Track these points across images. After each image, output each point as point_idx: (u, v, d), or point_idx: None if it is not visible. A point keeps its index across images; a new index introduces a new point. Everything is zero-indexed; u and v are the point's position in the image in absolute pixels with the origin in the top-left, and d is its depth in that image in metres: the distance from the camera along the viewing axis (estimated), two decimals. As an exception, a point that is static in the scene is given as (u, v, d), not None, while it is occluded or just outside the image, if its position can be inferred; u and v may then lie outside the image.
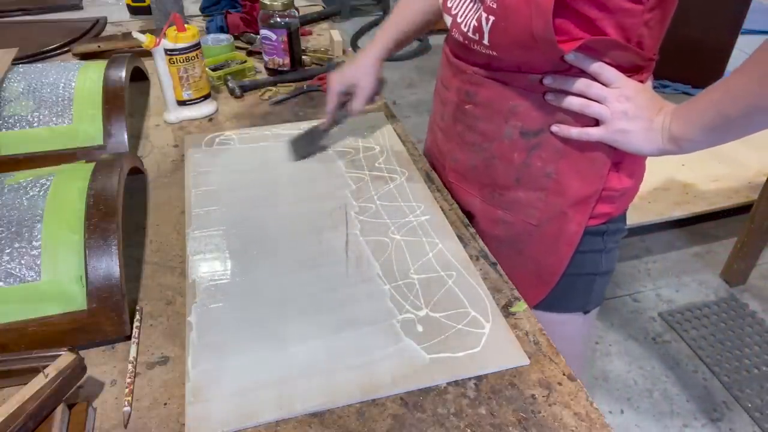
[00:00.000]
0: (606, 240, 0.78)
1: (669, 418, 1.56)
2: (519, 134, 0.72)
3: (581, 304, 0.84)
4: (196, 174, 0.86)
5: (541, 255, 0.78)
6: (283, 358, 0.58)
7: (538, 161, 0.72)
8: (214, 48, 1.17)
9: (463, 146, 0.80)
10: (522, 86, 0.69)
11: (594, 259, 0.79)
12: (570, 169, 0.71)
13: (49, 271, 0.59)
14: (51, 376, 0.50)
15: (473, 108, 0.75)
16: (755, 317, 1.84)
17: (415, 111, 3.01)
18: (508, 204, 0.77)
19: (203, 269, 0.69)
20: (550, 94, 0.68)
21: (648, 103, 0.65)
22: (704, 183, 2.10)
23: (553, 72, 0.67)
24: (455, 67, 0.77)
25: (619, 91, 0.65)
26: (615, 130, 0.66)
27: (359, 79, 0.87)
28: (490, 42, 0.66)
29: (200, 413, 0.53)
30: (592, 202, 0.73)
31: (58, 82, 0.89)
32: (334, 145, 0.93)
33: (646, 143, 0.65)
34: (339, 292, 0.66)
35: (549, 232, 0.76)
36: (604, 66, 0.64)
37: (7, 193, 0.66)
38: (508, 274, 0.71)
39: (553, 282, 0.79)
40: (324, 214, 0.78)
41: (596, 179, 0.71)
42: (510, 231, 0.79)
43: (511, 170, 0.75)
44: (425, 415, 0.54)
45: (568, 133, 0.68)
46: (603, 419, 0.53)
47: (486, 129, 0.75)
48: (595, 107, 0.66)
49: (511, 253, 0.79)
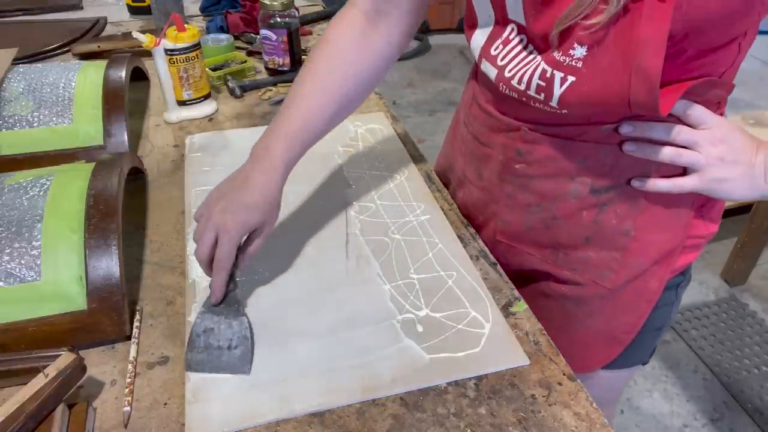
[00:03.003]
0: (678, 291, 0.71)
1: (669, 418, 1.56)
2: (588, 191, 0.62)
3: (641, 357, 0.77)
4: (196, 174, 0.86)
5: (616, 316, 0.69)
6: (283, 358, 0.58)
7: (613, 218, 0.63)
8: (214, 48, 1.17)
9: (515, 208, 0.69)
10: (592, 140, 0.59)
11: (665, 313, 0.71)
12: (651, 224, 0.62)
13: (49, 271, 0.59)
14: (51, 376, 0.50)
15: (526, 167, 0.65)
16: (755, 317, 1.84)
17: (415, 111, 3.01)
18: (575, 264, 0.68)
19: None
20: (629, 144, 0.58)
21: (744, 144, 0.57)
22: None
23: (628, 117, 0.57)
24: (500, 122, 0.65)
25: (711, 133, 0.56)
26: (711, 178, 0.57)
27: (268, 218, 0.61)
28: (561, 104, 0.55)
29: (200, 413, 0.53)
30: (675, 255, 0.65)
31: (58, 82, 0.89)
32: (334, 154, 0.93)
33: (747, 189, 0.57)
34: (339, 292, 0.66)
35: (627, 293, 0.67)
36: (692, 105, 0.56)
37: (7, 193, 0.65)
38: (576, 336, 0.65)
39: (627, 342, 0.70)
40: (324, 214, 0.78)
41: (680, 230, 0.64)
42: (579, 292, 0.69)
43: (578, 230, 0.65)
44: (425, 415, 0.54)
45: (656, 188, 0.59)
46: (603, 419, 0.53)
47: (545, 188, 0.65)
48: (688, 155, 0.57)
49: (580, 315, 0.70)
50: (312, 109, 0.63)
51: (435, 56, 3.64)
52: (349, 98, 0.66)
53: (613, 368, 0.74)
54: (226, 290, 0.60)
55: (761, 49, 3.52)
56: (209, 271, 0.60)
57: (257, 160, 0.62)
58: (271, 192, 0.61)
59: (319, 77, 0.65)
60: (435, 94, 3.20)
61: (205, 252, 0.59)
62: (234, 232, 0.58)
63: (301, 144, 0.63)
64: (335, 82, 0.64)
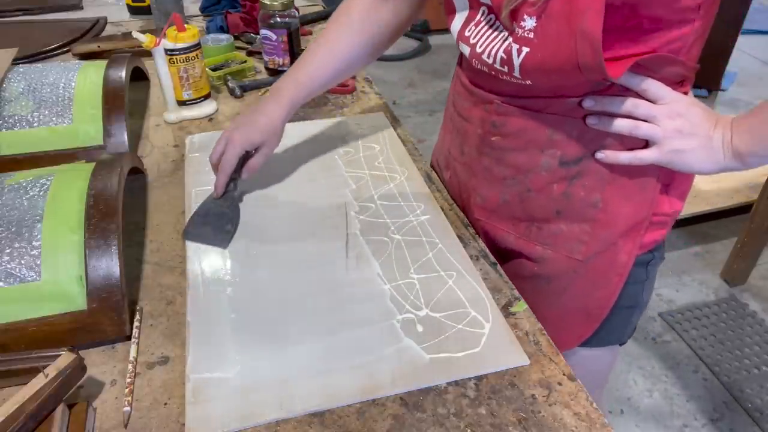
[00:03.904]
0: (649, 270, 0.73)
1: (669, 418, 1.56)
2: (558, 164, 0.66)
3: (618, 337, 0.79)
4: (196, 174, 0.86)
5: (588, 291, 0.72)
6: (283, 358, 0.58)
7: (581, 191, 0.66)
8: (214, 48, 1.17)
9: (492, 181, 0.73)
10: (559, 112, 0.64)
11: (636, 291, 0.74)
12: (618, 196, 0.66)
13: (49, 271, 0.59)
14: (51, 376, 0.50)
15: (501, 140, 0.69)
16: (755, 317, 1.84)
17: (416, 111, 3.01)
18: (548, 238, 0.71)
19: (203, 269, 0.69)
20: (592, 117, 0.62)
21: (702, 117, 0.60)
22: (704, 183, 2.11)
23: (592, 93, 0.61)
24: (477, 97, 0.71)
25: (669, 107, 0.60)
26: (669, 150, 0.60)
27: (269, 139, 0.76)
28: (522, 73, 0.60)
29: (200, 413, 0.53)
30: (642, 229, 0.68)
31: (58, 82, 0.89)
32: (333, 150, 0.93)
33: (707, 162, 0.60)
34: (339, 292, 0.66)
35: (597, 266, 0.70)
36: (651, 80, 0.59)
37: (7, 193, 0.66)
38: (551, 314, 0.67)
39: (601, 317, 0.73)
40: (324, 214, 0.78)
41: (647, 204, 0.67)
42: (552, 268, 0.72)
43: (550, 202, 0.69)
44: (425, 415, 0.54)
45: (617, 159, 0.63)
46: (603, 419, 0.53)
47: (518, 161, 0.69)
48: (646, 128, 0.60)
49: (554, 291, 0.73)
50: (319, 66, 0.77)
51: (435, 56, 3.64)
52: (353, 61, 0.79)
53: (590, 346, 0.77)
54: (226, 189, 0.76)
55: (761, 49, 3.53)
56: (215, 172, 0.76)
57: (269, 97, 0.77)
58: (273, 120, 0.75)
59: (330, 40, 0.77)
60: (435, 94, 3.20)
61: (215, 158, 0.76)
62: (238, 144, 0.74)
63: (306, 91, 0.77)
64: (342, 46, 0.77)
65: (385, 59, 3.54)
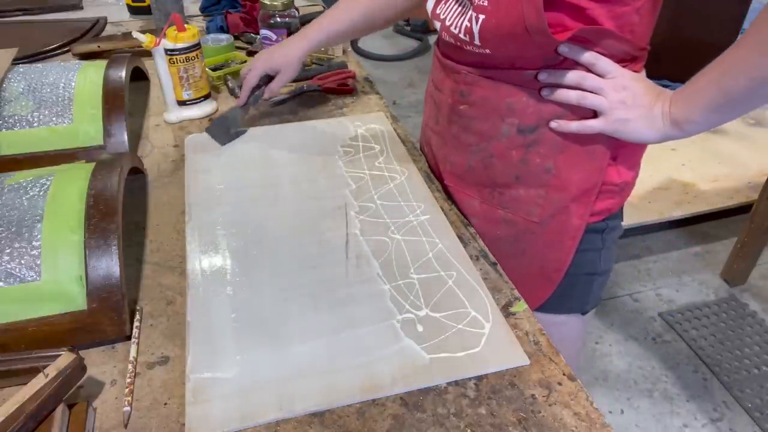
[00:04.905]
0: (605, 238, 0.78)
1: (669, 418, 1.56)
2: (516, 132, 0.71)
3: (580, 305, 0.83)
4: (196, 174, 0.86)
5: (544, 252, 0.78)
6: (283, 358, 0.58)
7: (537, 157, 0.72)
8: (214, 48, 1.17)
9: (459, 148, 0.79)
10: (517, 83, 0.69)
11: (593, 259, 0.78)
12: (570, 163, 0.71)
13: (49, 271, 0.59)
14: (51, 376, 0.50)
15: (468, 108, 0.75)
16: (755, 317, 1.84)
17: (415, 111, 3.01)
18: (508, 203, 0.77)
19: (203, 269, 0.69)
20: (546, 89, 0.67)
21: (645, 90, 0.65)
22: (704, 183, 2.10)
23: (546, 67, 0.67)
24: (447, 68, 0.76)
25: (615, 81, 0.65)
26: (614, 119, 0.65)
27: (285, 67, 0.91)
28: (482, 41, 0.66)
29: (200, 413, 0.53)
30: (592, 196, 0.72)
31: (58, 82, 0.89)
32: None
33: (648, 130, 0.65)
34: (339, 292, 0.66)
35: (552, 228, 0.75)
36: (599, 56, 0.64)
37: (7, 193, 0.66)
38: (512, 275, 0.70)
39: (557, 279, 0.78)
40: (324, 214, 0.78)
41: (596, 172, 0.71)
42: (512, 230, 0.78)
43: (509, 168, 0.74)
44: (425, 415, 0.54)
45: (568, 128, 0.68)
46: (603, 419, 0.53)
47: (482, 128, 0.75)
48: (592, 98, 0.66)
49: (514, 253, 0.78)
50: (339, 14, 0.89)
51: (435, 56, 3.63)
52: (369, 16, 0.89)
53: (553, 311, 0.81)
54: (246, 101, 0.94)
55: (761, 49, 3.52)
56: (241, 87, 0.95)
57: (295, 36, 0.92)
58: (293, 52, 0.91)
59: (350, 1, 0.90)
60: (435, 94, 3.19)
61: (243, 74, 0.95)
62: (260, 65, 0.93)
63: (327, 36, 0.90)
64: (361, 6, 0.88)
65: (385, 59, 3.54)
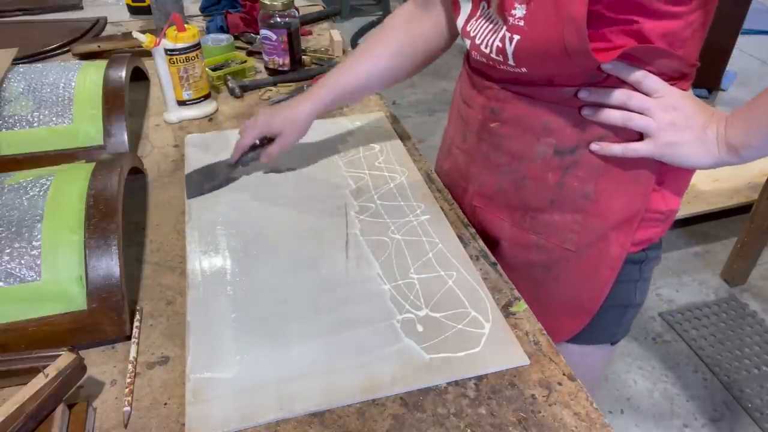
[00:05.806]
0: (643, 269, 0.73)
1: (669, 418, 1.56)
2: (553, 153, 0.67)
3: (609, 336, 0.79)
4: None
5: (579, 283, 0.72)
6: (283, 358, 0.58)
7: (575, 181, 0.67)
8: (214, 48, 1.17)
9: (489, 168, 0.74)
10: (554, 101, 0.64)
11: (628, 290, 0.74)
12: (611, 188, 0.66)
13: (49, 271, 0.59)
14: (51, 376, 0.50)
15: (500, 126, 0.70)
16: (755, 317, 1.84)
17: (415, 111, 3.01)
18: (541, 228, 0.72)
19: (203, 269, 0.69)
20: (587, 108, 0.63)
21: (697, 111, 0.60)
22: (704, 183, 2.11)
23: (588, 84, 0.62)
24: (478, 84, 0.72)
25: (663, 100, 0.60)
26: (663, 143, 0.60)
27: (288, 131, 0.81)
28: (516, 60, 0.62)
29: (200, 413, 0.53)
30: (635, 223, 0.67)
31: (58, 82, 0.89)
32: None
33: (701, 154, 0.60)
34: (339, 292, 0.66)
35: (589, 257, 0.70)
36: (646, 74, 0.59)
37: (7, 193, 0.65)
38: (542, 304, 0.67)
39: (593, 310, 0.73)
40: (324, 214, 0.78)
41: (640, 198, 0.66)
42: (544, 257, 0.73)
43: (544, 191, 0.69)
44: (425, 415, 0.54)
45: (610, 151, 0.63)
46: (603, 419, 0.53)
47: (515, 148, 0.70)
48: (639, 120, 0.61)
49: (546, 280, 0.74)
50: (349, 68, 0.81)
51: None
52: (383, 69, 0.81)
53: (580, 343, 0.77)
54: (238, 161, 0.84)
55: (761, 49, 3.53)
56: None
57: (302, 95, 0.82)
58: (296, 114, 0.80)
59: (368, 44, 0.82)
60: (435, 94, 3.20)
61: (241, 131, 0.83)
62: (259, 126, 0.81)
63: (333, 92, 0.81)
64: (376, 51, 0.81)
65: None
